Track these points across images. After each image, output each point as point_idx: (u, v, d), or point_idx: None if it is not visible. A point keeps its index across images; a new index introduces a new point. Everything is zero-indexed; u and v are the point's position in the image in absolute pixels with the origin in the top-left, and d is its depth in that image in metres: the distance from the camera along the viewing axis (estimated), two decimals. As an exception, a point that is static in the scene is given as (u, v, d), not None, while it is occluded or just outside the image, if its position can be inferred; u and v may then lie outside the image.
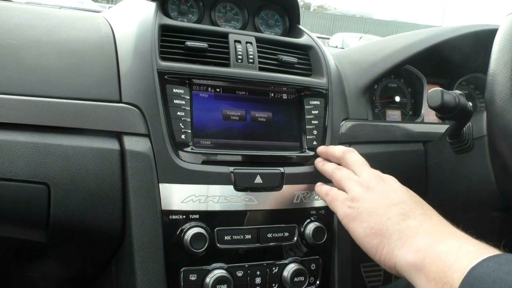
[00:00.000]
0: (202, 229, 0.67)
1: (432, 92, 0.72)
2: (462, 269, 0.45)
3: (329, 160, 0.76)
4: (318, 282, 0.78)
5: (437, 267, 0.48)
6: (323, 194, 0.71)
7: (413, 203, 0.60)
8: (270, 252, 0.74)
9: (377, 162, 0.72)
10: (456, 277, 0.45)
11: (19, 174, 0.60)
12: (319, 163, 0.76)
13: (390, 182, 0.65)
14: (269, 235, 0.73)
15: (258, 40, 0.81)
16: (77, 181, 0.63)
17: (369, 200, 0.61)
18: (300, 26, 0.92)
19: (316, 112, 0.81)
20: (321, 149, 0.78)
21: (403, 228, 0.56)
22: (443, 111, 0.72)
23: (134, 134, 0.68)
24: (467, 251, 0.48)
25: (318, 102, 0.81)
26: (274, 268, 0.74)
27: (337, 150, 0.74)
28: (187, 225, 0.68)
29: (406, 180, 0.67)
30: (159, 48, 0.72)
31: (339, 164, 0.72)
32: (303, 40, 0.87)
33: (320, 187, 0.73)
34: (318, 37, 0.90)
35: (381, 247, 0.57)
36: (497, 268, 0.43)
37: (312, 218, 0.77)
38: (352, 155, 0.71)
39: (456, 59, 1.01)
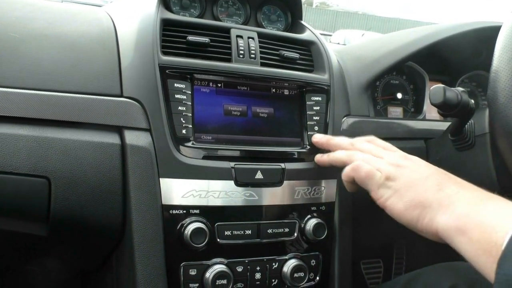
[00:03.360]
0: (203, 224, 0.67)
1: (434, 89, 0.72)
2: (506, 228, 0.47)
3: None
4: (318, 278, 0.78)
5: (480, 229, 0.50)
6: (351, 169, 0.67)
7: (443, 174, 0.62)
8: (270, 248, 0.74)
9: None
10: (500, 236, 0.47)
11: (19, 168, 0.60)
12: (322, 156, 0.75)
13: (415, 159, 0.67)
14: (269, 231, 0.73)
15: (260, 35, 0.80)
16: (78, 175, 0.63)
17: (403, 177, 0.63)
18: (303, 22, 0.92)
19: (318, 108, 0.81)
20: (320, 138, 0.76)
21: (442, 196, 0.57)
22: (445, 108, 0.72)
23: (135, 128, 0.68)
24: (509, 212, 0.50)
25: (319, 98, 0.81)
26: (274, 264, 0.74)
27: (345, 141, 0.73)
28: (187, 220, 0.68)
29: None
30: (160, 43, 0.72)
31: None
32: (305, 35, 0.87)
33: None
34: (321, 34, 0.89)
35: (422, 217, 0.58)
36: None
37: (312, 214, 0.77)
38: (364, 143, 0.71)
39: (458, 56, 1.01)
